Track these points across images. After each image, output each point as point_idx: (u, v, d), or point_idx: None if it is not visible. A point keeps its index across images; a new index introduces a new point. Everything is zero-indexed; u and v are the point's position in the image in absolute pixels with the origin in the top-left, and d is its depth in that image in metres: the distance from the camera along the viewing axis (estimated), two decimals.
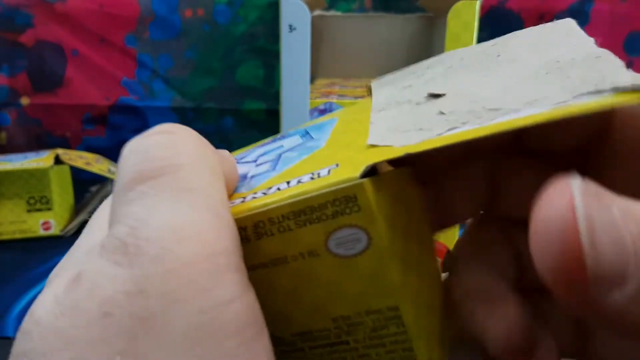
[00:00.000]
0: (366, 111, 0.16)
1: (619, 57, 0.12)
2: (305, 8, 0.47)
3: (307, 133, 0.17)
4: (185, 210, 0.11)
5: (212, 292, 0.11)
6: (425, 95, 0.15)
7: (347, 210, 0.12)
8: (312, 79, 0.52)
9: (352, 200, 0.12)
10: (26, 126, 0.65)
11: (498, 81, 0.14)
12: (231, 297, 0.11)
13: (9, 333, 0.37)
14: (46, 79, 0.64)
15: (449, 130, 0.12)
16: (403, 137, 0.13)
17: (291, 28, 0.48)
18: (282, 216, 0.13)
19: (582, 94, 0.11)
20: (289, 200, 0.12)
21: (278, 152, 0.16)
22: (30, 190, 0.51)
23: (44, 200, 0.51)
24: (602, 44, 0.13)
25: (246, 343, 0.11)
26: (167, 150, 0.12)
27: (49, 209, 0.51)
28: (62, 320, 0.11)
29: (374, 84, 0.18)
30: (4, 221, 0.51)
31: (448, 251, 0.17)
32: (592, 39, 0.14)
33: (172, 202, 0.11)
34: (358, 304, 0.13)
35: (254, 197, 0.13)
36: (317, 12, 0.61)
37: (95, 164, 0.56)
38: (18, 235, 0.51)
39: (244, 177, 0.15)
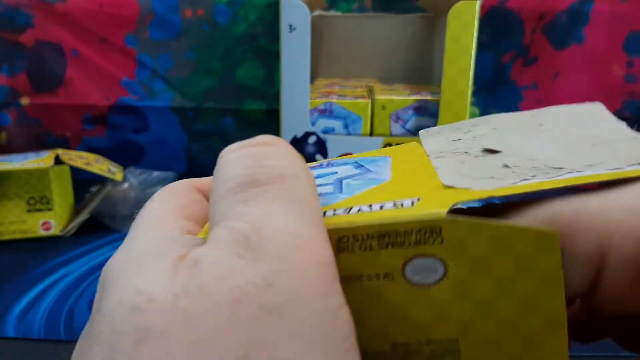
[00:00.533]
0: (419, 155, 0.17)
1: (619, 57, 0.13)
2: (305, 8, 0.47)
3: (361, 165, 0.17)
4: (298, 220, 0.12)
5: (328, 297, 0.12)
6: (481, 149, 0.16)
7: (431, 241, 0.13)
8: (312, 79, 0.52)
9: (437, 232, 0.13)
10: (26, 126, 0.65)
11: (549, 146, 0.15)
12: (340, 304, 0.12)
13: (9, 333, 0.37)
14: (46, 79, 0.64)
15: (521, 180, 0.13)
16: (478, 182, 0.14)
17: (291, 28, 0.48)
18: (368, 235, 0.13)
19: (634, 164, 0.13)
20: (378, 221, 0.13)
21: (335, 177, 0.17)
22: (31, 191, 0.51)
23: (44, 201, 0.51)
24: (602, 43, 0.14)
25: (351, 349, 0.12)
26: (277, 161, 0.13)
27: (49, 209, 0.51)
28: (185, 301, 0.11)
29: (422, 133, 0.19)
30: (4, 221, 0.51)
31: None
32: (624, 123, 0.16)
33: (285, 209, 0.12)
34: (420, 333, 0.14)
35: (335, 214, 0.14)
36: (317, 12, 0.61)
37: (95, 164, 0.56)
38: (18, 235, 0.51)
39: None
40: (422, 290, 0.13)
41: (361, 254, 0.13)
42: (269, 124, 0.64)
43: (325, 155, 0.51)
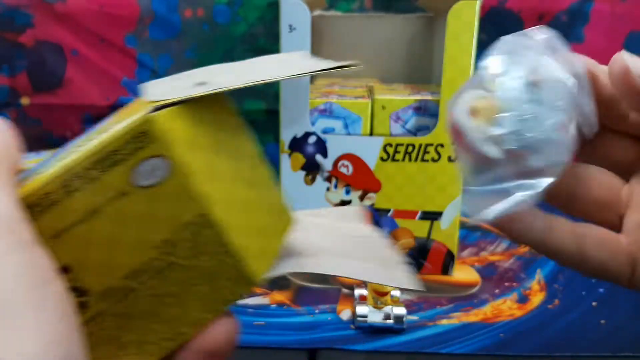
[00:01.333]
0: (140, 103, 0.18)
1: None
2: (305, 8, 0.47)
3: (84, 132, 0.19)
4: None
5: None
6: (193, 84, 0.17)
7: (144, 145, 0.14)
8: (312, 79, 0.52)
9: (146, 134, 0.14)
10: (26, 126, 0.65)
11: (246, 73, 0.19)
12: (5, 251, 0.12)
13: None
14: (46, 79, 0.64)
15: (215, 89, 0.16)
16: (179, 94, 0.16)
17: (291, 28, 0.48)
18: (86, 168, 0.14)
19: (297, 73, 0.17)
20: (90, 152, 0.14)
21: (54, 153, 0.18)
22: None
23: None
24: (602, 43, 0.14)
25: (30, 289, 0.12)
26: None
27: None
28: None
29: (144, 85, 0.20)
30: None
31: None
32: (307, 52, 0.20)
33: None
34: (174, 223, 0.15)
35: (53, 166, 0.15)
36: (317, 12, 0.61)
37: None
38: None
39: (28, 171, 0.16)
40: (157, 189, 0.15)
41: (90, 187, 0.14)
42: (269, 124, 0.64)
43: (325, 156, 0.51)
